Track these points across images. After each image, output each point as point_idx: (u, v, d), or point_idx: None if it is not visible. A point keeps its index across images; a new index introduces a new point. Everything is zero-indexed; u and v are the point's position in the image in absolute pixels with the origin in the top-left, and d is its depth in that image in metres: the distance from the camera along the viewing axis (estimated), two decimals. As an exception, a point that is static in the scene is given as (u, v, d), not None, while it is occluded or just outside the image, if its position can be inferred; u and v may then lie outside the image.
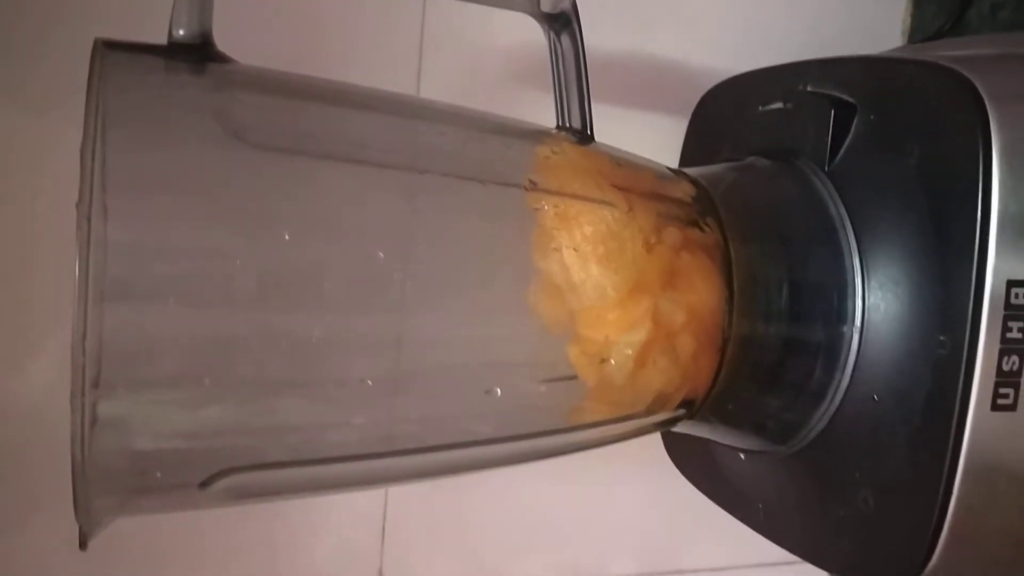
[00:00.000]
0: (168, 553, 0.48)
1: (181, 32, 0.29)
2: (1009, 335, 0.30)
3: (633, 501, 0.59)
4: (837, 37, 0.57)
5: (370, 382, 0.27)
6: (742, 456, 0.40)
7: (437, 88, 0.50)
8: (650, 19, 0.54)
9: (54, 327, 0.42)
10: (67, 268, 0.24)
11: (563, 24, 0.34)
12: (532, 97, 0.48)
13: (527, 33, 0.35)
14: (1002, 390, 0.30)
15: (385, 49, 0.49)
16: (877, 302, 0.33)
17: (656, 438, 0.48)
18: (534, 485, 0.56)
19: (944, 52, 0.38)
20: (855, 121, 0.35)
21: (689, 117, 0.49)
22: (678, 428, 0.37)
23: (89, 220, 0.23)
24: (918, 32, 0.57)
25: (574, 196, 0.30)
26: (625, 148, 0.37)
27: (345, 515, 0.53)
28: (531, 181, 0.30)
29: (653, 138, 0.51)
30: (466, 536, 0.56)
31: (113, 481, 0.26)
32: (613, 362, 0.31)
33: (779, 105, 0.39)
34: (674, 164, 0.49)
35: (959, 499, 0.31)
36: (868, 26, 0.58)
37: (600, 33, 0.39)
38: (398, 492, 0.53)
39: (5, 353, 0.44)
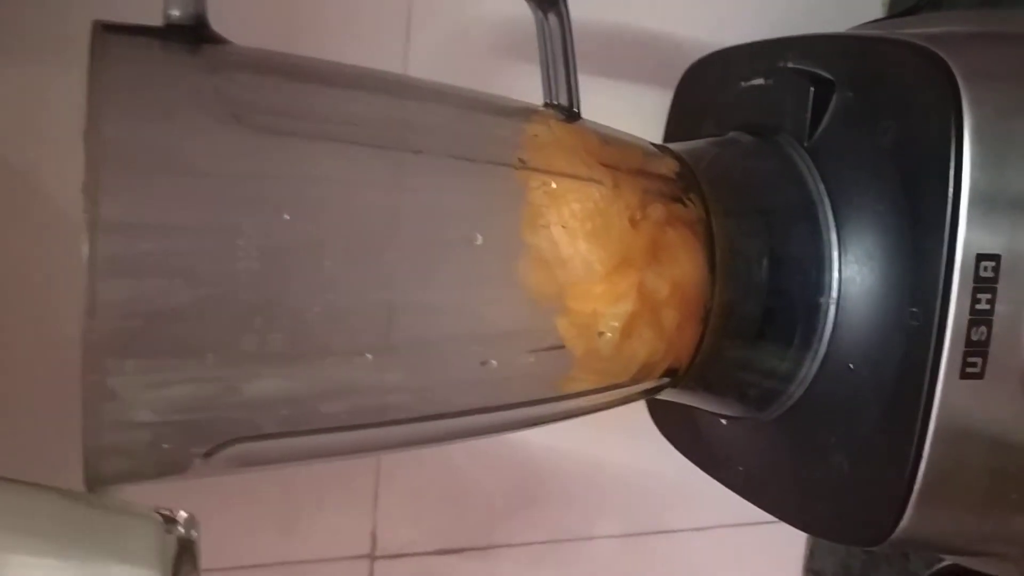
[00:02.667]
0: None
1: (176, 13, 0.29)
2: (978, 307, 0.32)
3: (618, 462, 0.61)
4: (819, 6, 0.58)
5: (369, 355, 0.28)
6: (723, 422, 0.41)
7: (425, 57, 0.50)
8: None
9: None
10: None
11: (550, 3, 0.34)
12: (519, 68, 0.49)
13: (514, 4, 0.36)
14: (971, 359, 0.32)
15: (373, 19, 0.50)
16: (853, 275, 0.35)
17: (640, 402, 0.50)
18: (521, 447, 0.58)
19: (920, 29, 0.39)
20: (833, 98, 0.36)
21: (674, 88, 0.49)
22: (662, 395, 0.38)
23: (96, 203, 0.24)
24: (899, 3, 0.58)
25: (562, 174, 0.31)
26: (611, 120, 0.38)
27: (337, 478, 0.54)
28: (520, 160, 0.31)
29: (638, 109, 0.52)
30: (455, 496, 0.58)
31: (120, 451, 0.27)
32: (600, 333, 0.32)
33: (760, 81, 0.40)
34: (659, 135, 0.50)
35: (929, 462, 0.32)
36: (850, -4, 0.59)
37: (586, 4, 0.40)
38: (389, 454, 0.54)
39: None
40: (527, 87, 0.36)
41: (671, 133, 0.48)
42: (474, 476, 0.58)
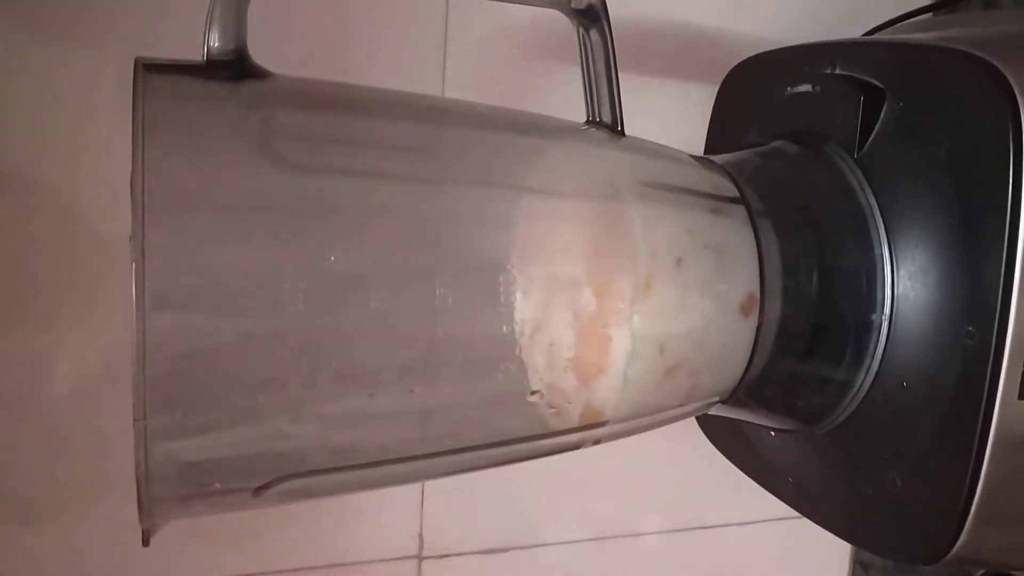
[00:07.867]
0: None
1: (216, 46, 0.29)
2: (1037, 325, 0.31)
3: (662, 459, 0.61)
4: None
5: (415, 390, 0.28)
6: (772, 434, 0.41)
7: (462, 62, 0.50)
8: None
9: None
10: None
11: (592, 19, 0.34)
12: (557, 69, 0.49)
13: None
14: (1029, 379, 0.31)
15: (410, 25, 0.49)
16: (906, 291, 0.34)
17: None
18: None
19: (971, 30, 0.38)
20: (884, 108, 0.35)
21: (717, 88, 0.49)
22: (713, 411, 0.38)
23: (143, 253, 0.24)
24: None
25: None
26: (657, 118, 0.36)
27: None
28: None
29: (684, 107, 0.51)
30: (500, 496, 0.58)
31: (173, 491, 0.28)
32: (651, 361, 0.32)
33: (807, 88, 0.39)
34: (702, 134, 0.49)
35: (987, 481, 0.32)
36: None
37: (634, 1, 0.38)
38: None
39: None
40: (564, 91, 0.35)
41: (713, 140, 0.47)
42: (518, 475, 0.58)
